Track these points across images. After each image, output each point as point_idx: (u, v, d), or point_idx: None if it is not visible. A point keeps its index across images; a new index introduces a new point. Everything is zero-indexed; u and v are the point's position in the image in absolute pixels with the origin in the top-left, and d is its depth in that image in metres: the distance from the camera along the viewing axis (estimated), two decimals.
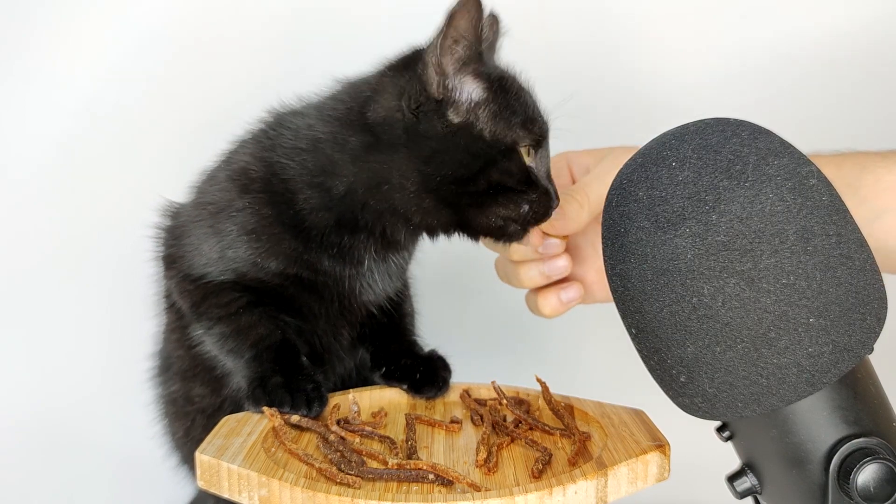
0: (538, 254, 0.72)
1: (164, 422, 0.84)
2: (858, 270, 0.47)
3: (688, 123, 0.52)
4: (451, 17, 0.61)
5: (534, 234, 0.69)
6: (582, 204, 0.69)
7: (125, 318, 1.00)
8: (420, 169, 0.64)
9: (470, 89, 0.64)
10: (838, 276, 0.47)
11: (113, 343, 1.12)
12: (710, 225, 0.47)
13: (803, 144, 0.52)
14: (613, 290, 0.53)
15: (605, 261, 0.53)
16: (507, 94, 0.65)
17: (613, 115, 1.12)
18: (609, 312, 0.55)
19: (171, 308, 0.78)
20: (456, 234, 0.68)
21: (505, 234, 0.67)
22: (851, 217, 0.49)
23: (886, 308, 0.49)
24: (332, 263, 0.69)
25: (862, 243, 0.49)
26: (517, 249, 0.71)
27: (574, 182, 0.75)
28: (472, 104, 0.64)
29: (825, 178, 0.49)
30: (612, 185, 0.53)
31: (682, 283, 0.47)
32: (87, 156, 1.14)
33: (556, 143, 0.72)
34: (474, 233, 0.68)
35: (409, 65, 0.66)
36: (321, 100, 0.71)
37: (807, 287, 0.46)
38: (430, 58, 0.63)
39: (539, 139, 0.66)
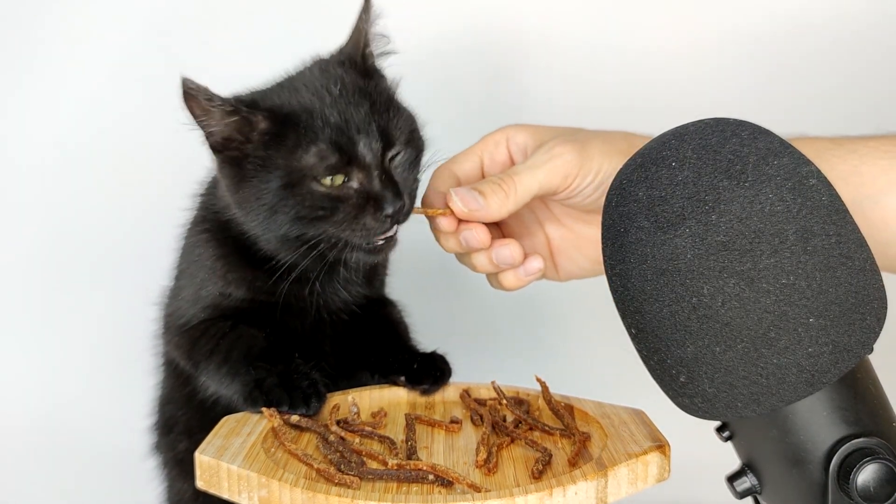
0: (461, 247, 0.70)
1: (168, 487, 0.86)
2: (858, 270, 0.47)
3: (687, 123, 0.52)
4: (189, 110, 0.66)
5: (442, 219, 0.68)
6: (508, 195, 0.67)
7: (125, 319, 1.00)
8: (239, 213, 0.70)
9: (251, 141, 0.67)
10: (838, 276, 0.46)
11: (113, 343, 1.12)
12: (709, 225, 0.47)
13: (783, 131, 0.52)
14: (613, 290, 0.53)
15: (604, 261, 0.53)
16: (290, 132, 0.66)
17: (603, 101, 1.12)
18: (609, 312, 0.55)
19: (174, 372, 0.82)
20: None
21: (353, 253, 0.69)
22: (851, 217, 0.49)
23: (886, 308, 0.49)
24: (285, 286, 0.72)
25: (862, 243, 0.49)
26: (444, 243, 0.71)
27: (512, 161, 0.73)
28: (254, 152, 0.67)
29: (825, 177, 0.49)
30: (612, 184, 0.53)
31: (681, 284, 0.47)
32: (85, 159, 1.14)
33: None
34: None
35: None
36: None
37: (806, 287, 0.46)
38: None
39: (338, 164, 0.66)
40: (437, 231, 0.70)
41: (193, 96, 0.64)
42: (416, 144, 0.72)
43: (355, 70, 0.71)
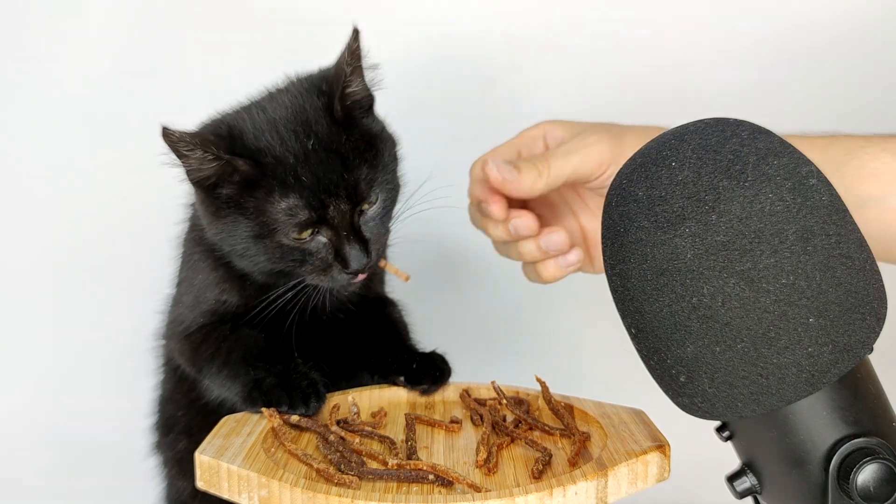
0: (510, 235, 0.72)
1: (167, 485, 0.86)
2: (858, 270, 0.47)
3: (687, 123, 0.52)
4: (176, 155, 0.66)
5: (494, 203, 0.69)
6: (541, 173, 0.69)
7: (125, 319, 1.00)
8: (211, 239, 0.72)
9: (230, 182, 0.68)
10: (838, 275, 0.46)
11: (113, 341, 1.12)
12: (709, 225, 0.47)
13: (793, 127, 0.52)
14: (613, 290, 0.53)
15: (604, 261, 0.53)
16: (264, 180, 0.66)
17: (599, 105, 1.12)
18: (609, 312, 0.55)
19: (174, 374, 0.82)
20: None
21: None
22: (851, 217, 0.49)
23: (886, 308, 0.49)
24: (277, 293, 0.72)
25: (862, 243, 0.49)
26: (493, 231, 0.72)
27: None
28: (230, 191, 0.68)
29: (825, 177, 0.49)
30: (612, 184, 0.53)
31: (681, 283, 0.47)
32: (88, 159, 1.14)
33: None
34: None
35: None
36: None
37: (806, 287, 0.46)
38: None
39: (307, 223, 0.67)
40: (487, 219, 0.72)
41: (174, 143, 0.65)
42: (389, 192, 0.72)
43: (331, 117, 0.69)
